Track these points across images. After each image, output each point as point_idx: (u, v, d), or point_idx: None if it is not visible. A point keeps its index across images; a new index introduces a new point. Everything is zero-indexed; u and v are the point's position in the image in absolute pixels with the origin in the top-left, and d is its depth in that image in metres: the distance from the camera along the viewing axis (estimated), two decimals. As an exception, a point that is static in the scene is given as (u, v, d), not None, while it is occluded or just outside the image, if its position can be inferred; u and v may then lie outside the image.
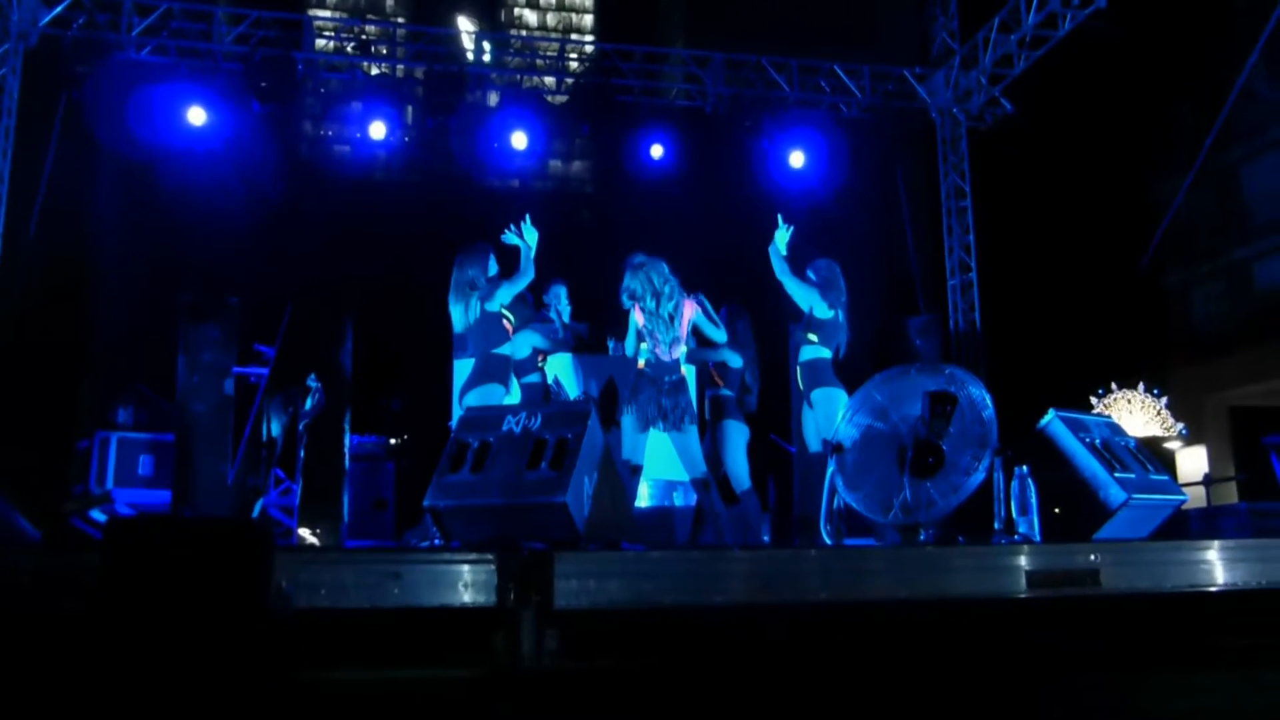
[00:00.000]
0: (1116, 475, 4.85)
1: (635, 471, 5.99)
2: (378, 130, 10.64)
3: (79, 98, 9.82)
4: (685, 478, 6.37)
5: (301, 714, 2.80)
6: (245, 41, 10.44)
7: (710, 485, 6.06)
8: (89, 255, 9.67)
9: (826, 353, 6.19)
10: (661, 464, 7.06)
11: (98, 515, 7.37)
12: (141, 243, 9.70)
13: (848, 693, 3.30)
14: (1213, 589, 3.74)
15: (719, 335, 6.29)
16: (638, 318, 6.00)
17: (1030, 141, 12.29)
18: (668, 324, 5.97)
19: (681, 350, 6.09)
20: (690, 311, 6.07)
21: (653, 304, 5.97)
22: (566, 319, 7.37)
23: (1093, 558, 3.68)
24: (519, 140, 10.76)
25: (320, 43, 11.32)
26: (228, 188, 9.98)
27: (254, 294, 8.08)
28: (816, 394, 6.13)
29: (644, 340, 6.02)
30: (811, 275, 6.32)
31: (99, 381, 9.26)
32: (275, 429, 8.15)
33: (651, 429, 5.94)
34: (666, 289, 5.99)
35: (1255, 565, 3.83)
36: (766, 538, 7.12)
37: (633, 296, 6.02)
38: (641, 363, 6.06)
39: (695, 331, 6.25)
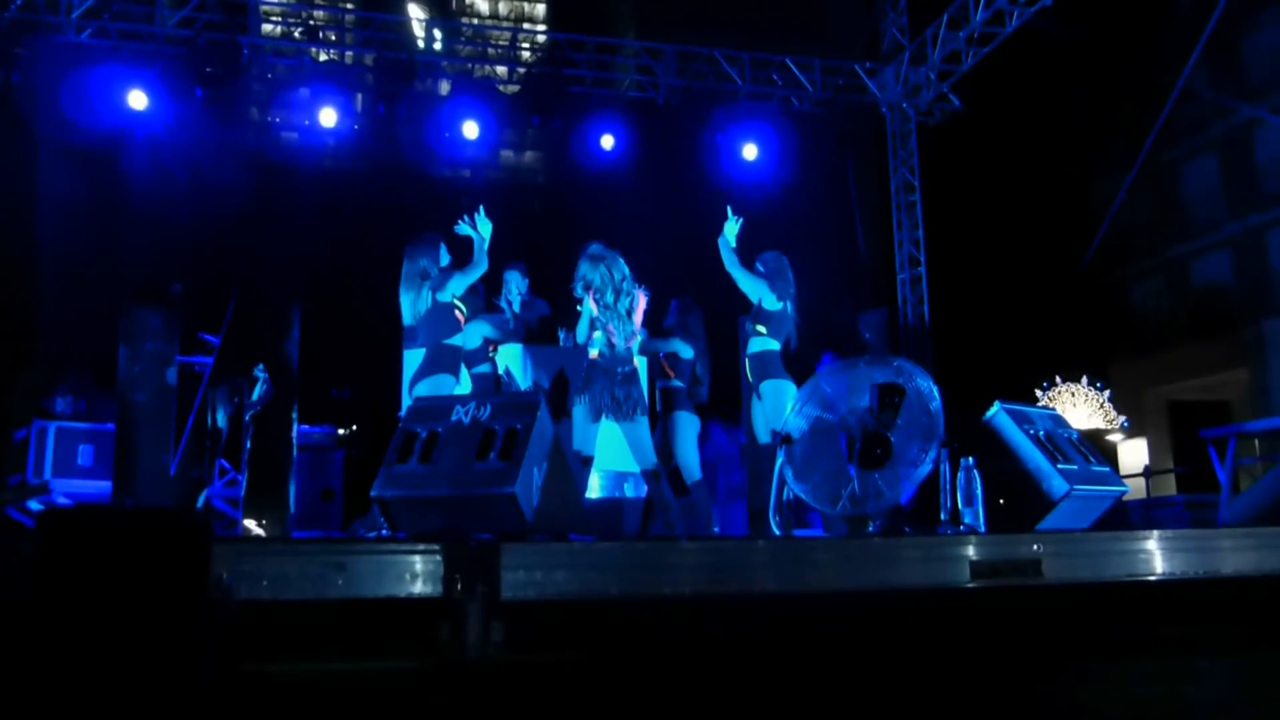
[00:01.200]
0: (1059, 467, 4.93)
1: (586, 462, 5.98)
2: (326, 117, 10.47)
3: (17, 80, 9.56)
4: (636, 469, 6.36)
5: (242, 706, 2.76)
6: (189, 25, 10.21)
7: (661, 476, 6.07)
8: (26, 241, 9.42)
9: (775, 344, 6.21)
10: (612, 455, 7.04)
11: (35, 506, 7.23)
12: (81, 228, 9.47)
13: (795, 683, 3.31)
14: (1151, 578, 3.81)
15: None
16: (592, 308, 5.98)
17: (978, 137, 12.46)
18: (624, 318, 5.97)
19: (635, 342, 6.09)
20: (644, 303, 6.08)
21: (612, 298, 5.96)
22: (517, 308, 7.33)
23: (1035, 548, 3.73)
24: (470, 130, 10.66)
25: (267, 27, 11.13)
26: (170, 174, 9.77)
27: (198, 281, 7.93)
28: (765, 386, 6.14)
29: (596, 330, 6.01)
30: (760, 267, 6.32)
31: (37, 370, 9.04)
32: (220, 419, 8.02)
33: (603, 420, 5.93)
34: (625, 284, 5.99)
35: (1192, 555, 3.90)
36: (718, 529, 7.14)
37: (589, 288, 6.00)
38: (594, 353, 6.04)
39: (647, 323, 6.26)
